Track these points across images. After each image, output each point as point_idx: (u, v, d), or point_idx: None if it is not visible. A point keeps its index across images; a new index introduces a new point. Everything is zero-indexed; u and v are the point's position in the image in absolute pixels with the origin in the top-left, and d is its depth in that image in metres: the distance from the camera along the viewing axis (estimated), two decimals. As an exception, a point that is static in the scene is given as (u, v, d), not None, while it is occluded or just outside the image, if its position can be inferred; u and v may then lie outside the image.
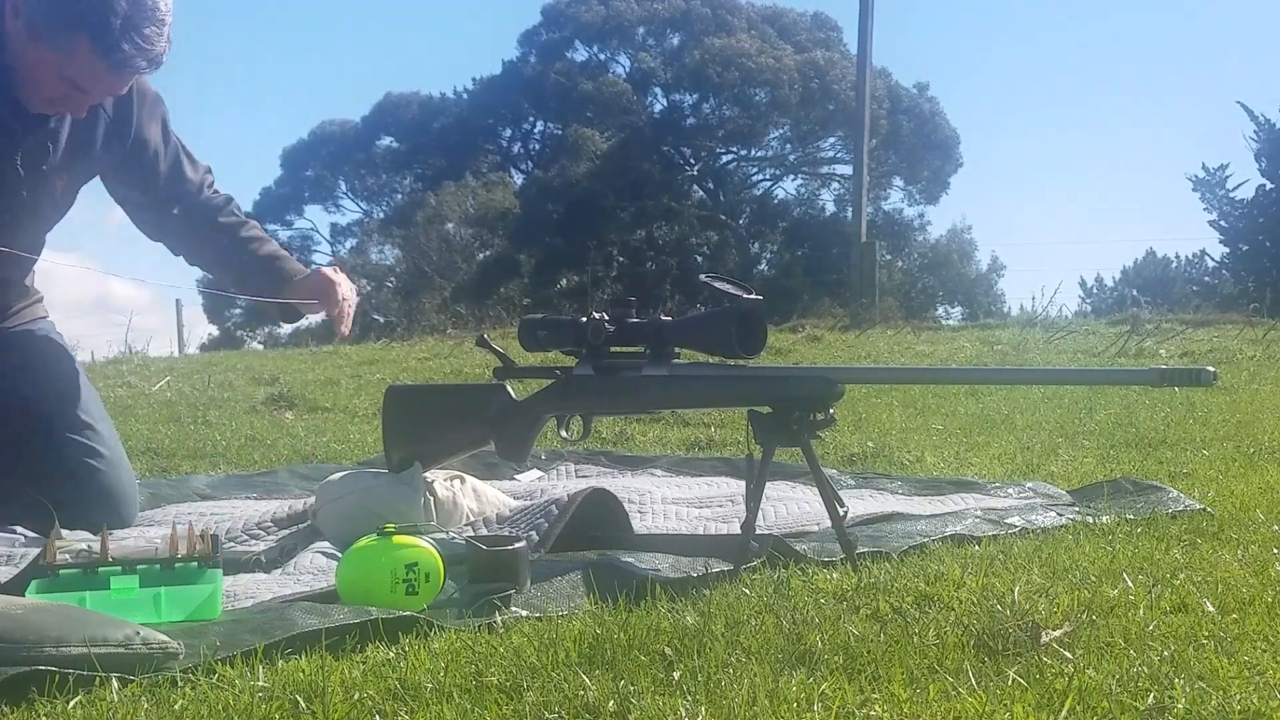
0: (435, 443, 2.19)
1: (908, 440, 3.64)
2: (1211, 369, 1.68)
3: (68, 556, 1.63)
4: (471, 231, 27.27)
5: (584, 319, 2.00)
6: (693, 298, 15.65)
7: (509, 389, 2.19)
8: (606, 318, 1.99)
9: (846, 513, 1.87)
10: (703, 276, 1.91)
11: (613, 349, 2.01)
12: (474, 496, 2.18)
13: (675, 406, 2.22)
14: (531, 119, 30.23)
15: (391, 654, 1.41)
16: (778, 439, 1.85)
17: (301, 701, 1.22)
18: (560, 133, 28.92)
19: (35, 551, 1.79)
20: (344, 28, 52.18)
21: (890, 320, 11.38)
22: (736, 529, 1.84)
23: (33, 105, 2.13)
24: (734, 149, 29.46)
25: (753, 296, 1.87)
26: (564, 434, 2.12)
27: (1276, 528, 2.07)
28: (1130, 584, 1.66)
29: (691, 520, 2.30)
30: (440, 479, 2.17)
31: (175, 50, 2.07)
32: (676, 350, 1.97)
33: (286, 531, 2.16)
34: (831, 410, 1.86)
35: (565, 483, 2.77)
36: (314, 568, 1.89)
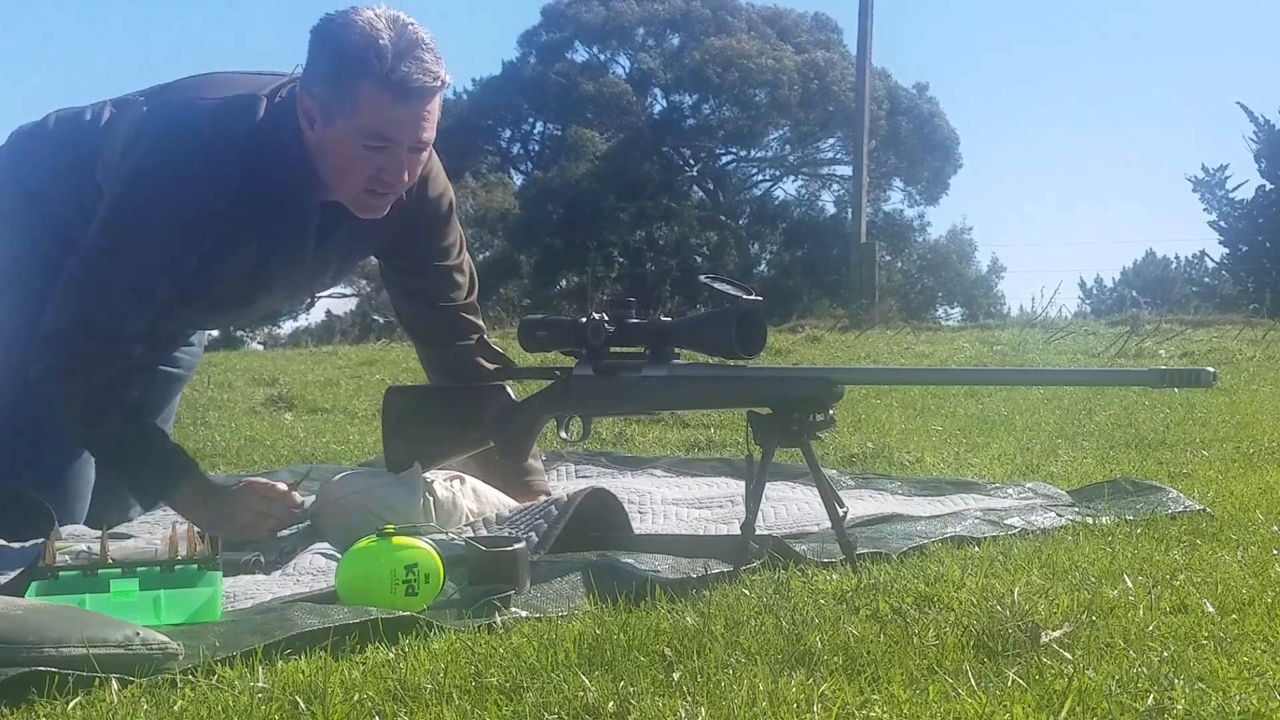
0: (435, 443, 2.19)
1: (907, 441, 3.64)
2: (1211, 370, 1.67)
3: (67, 558, 1.63)
4: (471, 232, 27.23)
5: (584, 320, 2.00)
6: (693, 298, 15.64)
7: (509, 390, 2.19)
8: (606, 318, 1.99)
9: (846, 513, 1.87)
10: (702, 277, 1.91)
11: (612, 350, 2.01)
12: (474, 497, 2.18)
13: (675, 407, 2.23)
14: (531, 120, 30.21)
15: (391, 655, 1.41)
16: (777, 440, 1.84)
17: (301, 702, 1.22)
18: (560, 133, 28.91)
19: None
20: (344, 28, 52.05)
21: (890, 321, 11.38)
22: (736, 530, 1.84)
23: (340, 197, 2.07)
24: (734, 150, 29.44)
25: (752, 297, 1.87)
26: (564, 435, 2.12)
27: (1276, 528, 2.07)
28: (1130, 585, 1.66)
29: (691, 521, 2.30)
30: (440, 479, 2.16)
31: (175, 52, 2.03)
32: (676, 351, 1.97)
33: (287, 532, 2.16)
34: (831, 411, 1.86)
35: (565, 483, 2.77)
36: (314, 568, 1.89)
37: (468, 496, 2.17)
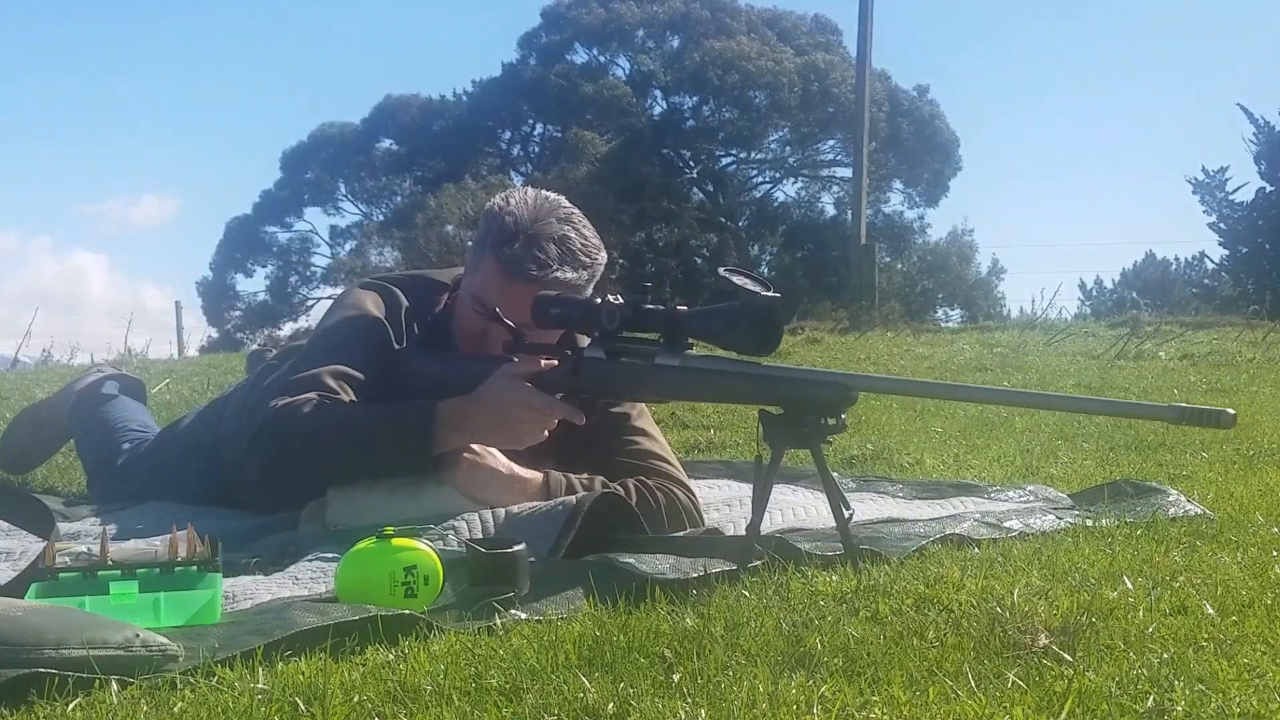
0: None
1: (907, 443, 3.64)
2: (1231, 411, 1.63)
3: (67, 559, 1.63)
4: (471, 233, 27.20)
5: (599, 300, 1.98)
6: (694, 299, 15.62)
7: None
8: (621, 301, 1.97)
9: (851, 515, 1.86)
10: (722, 270, 1.87)
11: (626, 334, 1.99)
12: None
13: (685, 398, 2.21)
14: (531, 121, 30.22)
15: (391, 656, 1.41)
16: (788, 441, 1.82)
17: (301, 704, 1.22)
18: (560, 135, 28.91)
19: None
20: (344, 29, 52.20)
21: (890, 322, 11.37)
22: (737, 531, 1.83)
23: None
24: (734, 151, 29.46)
25: (770, 294, 1.84)
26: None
27: (1276, 530, 2.07)
28: (1130, 586, 1.66)
29: (691, 522, 2.29)
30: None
31: (174, 52, 2.05)
32: (690, 341, 1.95)
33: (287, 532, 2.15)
34: (844, 416, 1.84)
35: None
36: (314, 569, 1.89)
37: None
